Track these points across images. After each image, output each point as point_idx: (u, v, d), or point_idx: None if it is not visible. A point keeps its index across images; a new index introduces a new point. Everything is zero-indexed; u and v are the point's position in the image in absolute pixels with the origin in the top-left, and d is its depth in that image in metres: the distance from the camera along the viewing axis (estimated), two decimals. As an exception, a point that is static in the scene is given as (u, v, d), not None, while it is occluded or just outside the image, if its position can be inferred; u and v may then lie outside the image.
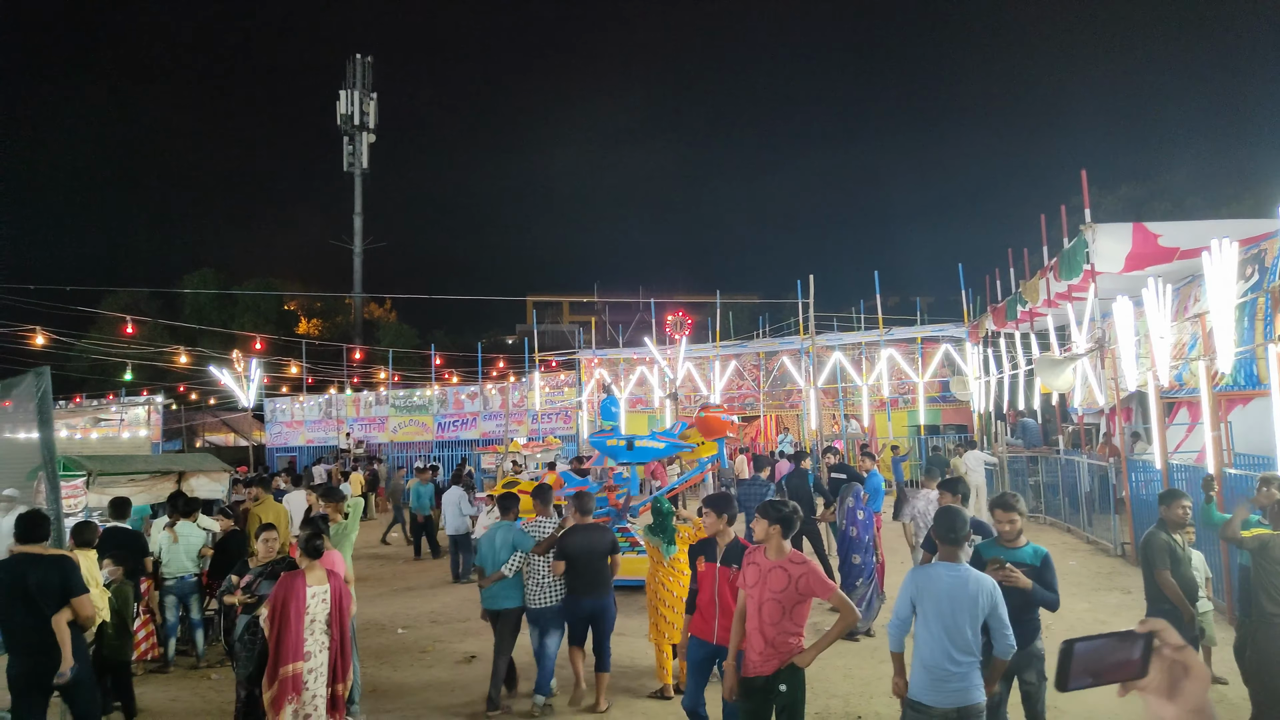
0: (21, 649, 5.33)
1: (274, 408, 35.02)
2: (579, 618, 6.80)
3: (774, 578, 4.52)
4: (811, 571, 4.52)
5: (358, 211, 49.43)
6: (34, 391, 7.44)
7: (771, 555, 4.62)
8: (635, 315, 43.18)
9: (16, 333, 21.27)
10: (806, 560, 4.58)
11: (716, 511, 5.48)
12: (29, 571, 5.30)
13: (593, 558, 6.75)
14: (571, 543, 6.75)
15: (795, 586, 4.48)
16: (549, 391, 29.72)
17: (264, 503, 9.42)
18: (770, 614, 4.49)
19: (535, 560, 6.87)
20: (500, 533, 7.00)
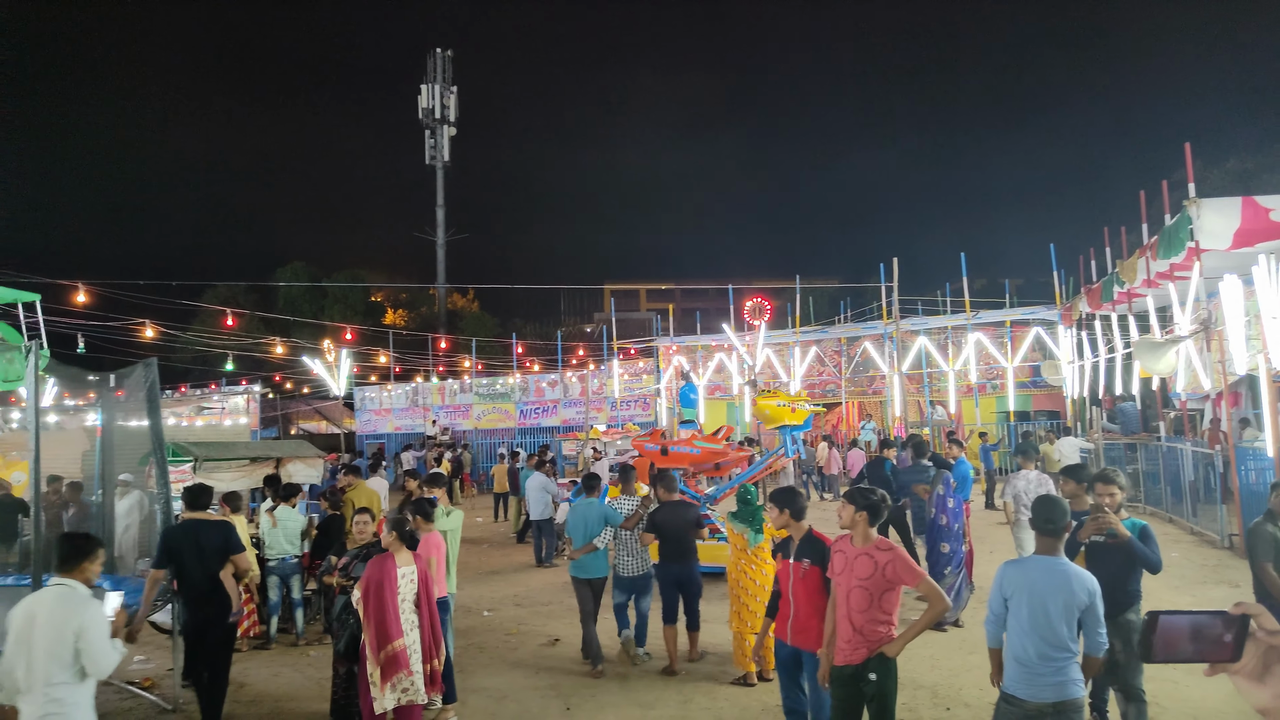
0: (195, 599, 6.30)
1: (363, 396, 36.18)
2: (669, 583, 7.53)
3: (860, 565, 4.46)
4: (899, 558, 4.43)
5: (440, 204, 50.43)
6: (143, 382, 7.89)
7: (857, 542, 4.56)
8: (713, 301, 43.01)
9: (128, 326, 22.51)
10: (893, 547, 4.50)
11: (779, 506, 5.37)
12: (199, 532, 6.38)
13: (680, 530, 7.48)
14: (661, 517, 7.50)
15: (882, 573, 4.40)
16: (627, 379, 29.89)
17: (357, 487, 9.72)
18: (858, 602, 4.43)
19: (624, 534, 7.66)
20: (589, 509, 7.73)
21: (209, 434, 25.84)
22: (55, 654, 3.90)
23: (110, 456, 9.08)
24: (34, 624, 3.93)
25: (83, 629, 3.93)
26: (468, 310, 54.83)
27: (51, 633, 3.90)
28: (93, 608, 4.07)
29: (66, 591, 4.05)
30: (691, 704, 6.70)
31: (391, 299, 54.78)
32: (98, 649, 3.95)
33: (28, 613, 3.97)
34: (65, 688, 3.92)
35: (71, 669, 3.93)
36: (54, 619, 3.93)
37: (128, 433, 9.08)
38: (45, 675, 3.88)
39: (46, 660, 3.89)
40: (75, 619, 3.94)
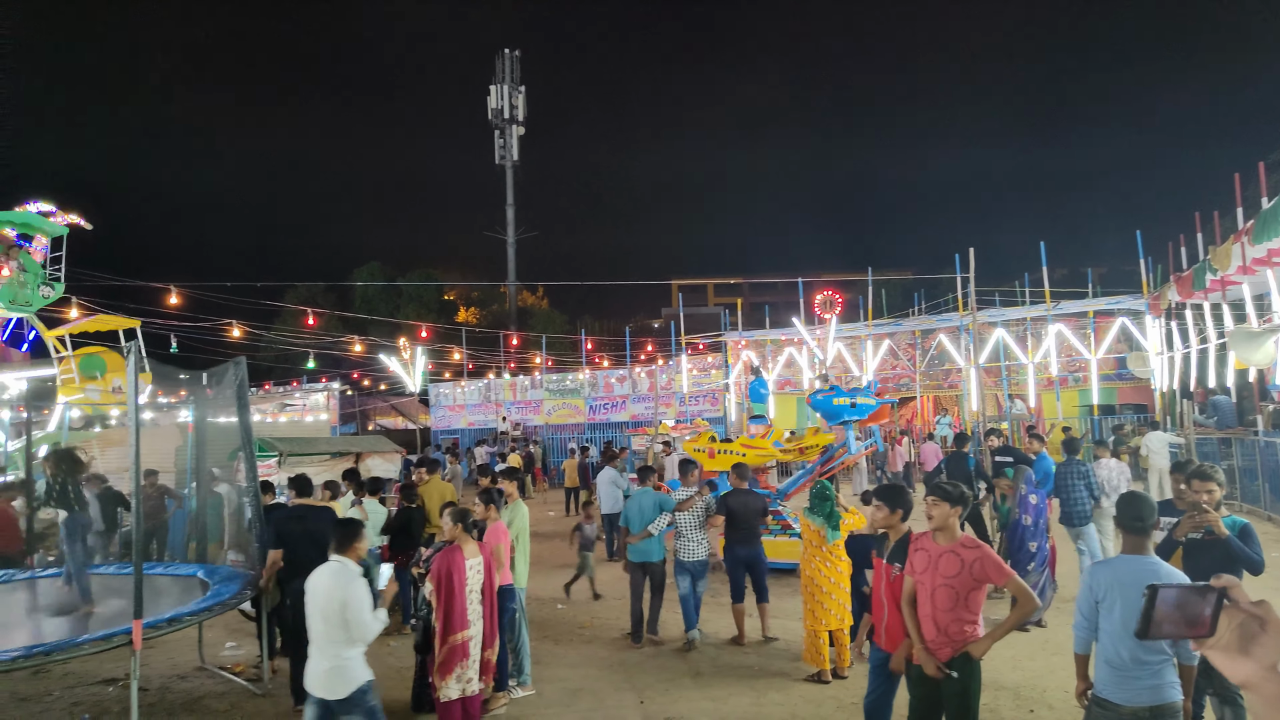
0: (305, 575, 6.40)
1: (437, 392, 36.97)
2: (737, 564, 8.08)
3: (945, 563, 4.35)
4: (986, 556, 4.32)
5: (509, 203, 51.12)
6: (233, 380, 8.21)
7: (942, 540, 4.44)
8: (782, 295, 42.58)
9: (217, 326, 23.48)
10: (980, 544, 4.38)
11: (890, 505, 5.04)
12: (308, 516, 7.10)
13: (749, 516, 8.12)
14: (732, 503, 8.10)
15: (969, 572, 4.29)
16: (696, 374, 29.84)
17: (431, 482, 9.91)
18: (943, 601, 4.33)
19: (686, 523, 8.10)
20: (644, 497, 8.25)
21: (292, 430, 26.78)
22: (330, 619, 4.63)
23: (202, 452, 9.48)
24: (316, 594, 4.68)
25: (346, 600, 4.61)
26: (537, 307, 55.47)
27: (326, 602, 4.62)
28: (356, 583, 4.74)
29: (339, 568, 4.77)
30: (765, 699, 6.67)
31: (464, 297, 55.81)
32: (358, 618, 4.63)
33: (313, 584, 4.74)
34: (343, 645, 4.67)
35: (344, 631, 4.63)
36: (328, 590, 4.65)
37: (217, 429, 9.47)
38: (328, 635, 4.64)
39: (325, 623, 4.64)
40: (341, 591, 4.63)
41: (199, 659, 8.16)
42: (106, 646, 5.59)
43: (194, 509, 9.84)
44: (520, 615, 7.00)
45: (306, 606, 4.75)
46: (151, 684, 7.44)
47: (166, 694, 7.27)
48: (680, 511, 8.14)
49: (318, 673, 4.70)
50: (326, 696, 4.71)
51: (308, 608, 4.74)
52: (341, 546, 4.87)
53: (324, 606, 4.64)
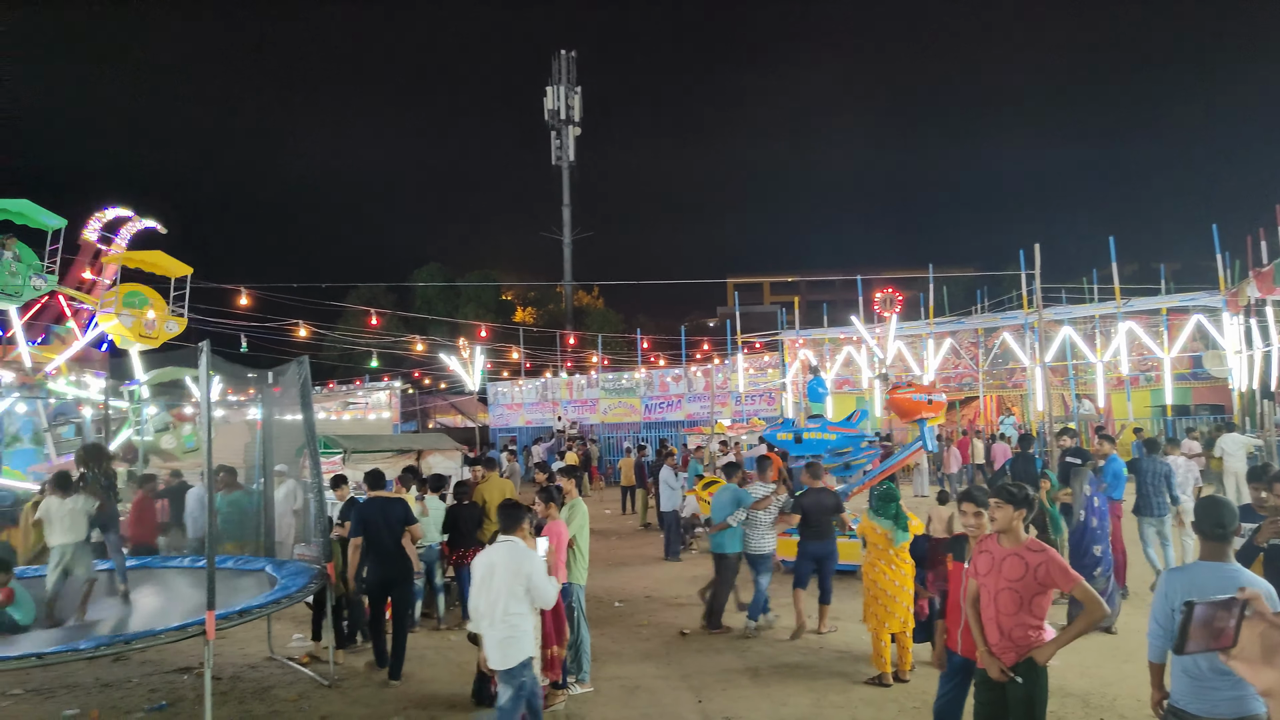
0: (383, 561, 7.62)
1: (496, 391, 37.43)
2: (807, 558, 8.35)
3: (1009, 566, 4.25)
4: (1051, 560, 4.20)
5: (566, 203, 51.41)
6: (297, 379, 8.42)
7: (1007, 543, 4.34)
8: (840, 293, 42.05)
9: (283, 326, 24.17)
10: (1045, 548, 4.27)
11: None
12: (384, 507, 7.68)
13: (822, 513, 8.37)
14: (807, 501, 8.42)
15: (1034, 575, 4.18)
16: (753, 373, 29.65)
17: (490, 480, 9.97)
18: (1006, 605, 4.23)
19: (758, 516, 8.54)
20: (724, 492, 8.72)
21: (355, 427, 27.37)
22: (513, 591, 5.12)
23: (269, 448, 9.73)
24: (494, 570, 5.16)
25: (530, 573, 5.18)
26: (593, 307, 55.74)
27: (508, 576, 5.13)
28: (534, 557, 5.34)
29: (513, 546, 5.29)
30: (825, 701, 6.60)
31: (521, 297, 56.36)
32: (541, 587, 5.22)
33: (488, 563, 5.22)
34: (519, 616, 5.15)
35: (524, 601, 5.16)
36: (509, 566, 5.16)
37: (284, 426, 9.72)
38: (505, 607, 5.11)
39: (506, 596, 5.11)
40: (524, 565, 5.18)
41: (268, 650, 8.41)
42: (182, 636, 5.79)
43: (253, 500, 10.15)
44: (579, 613, 7.05)
45: (477, 583, 5.22)
46: (224, 673, 7.68)
47: (238, 683, 7.50)
48: (756, 510, 8.58)
49: (492, 644, 5.17)
50: (496, 667, 5.17)
51: (479, 584, 5.20)
52: (509, 528, 5.37)
53: (507, 579, 5.11)
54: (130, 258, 14.49)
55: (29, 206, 13.10)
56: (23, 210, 13.23)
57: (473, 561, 5.43)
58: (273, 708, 6.84)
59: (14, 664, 5.53)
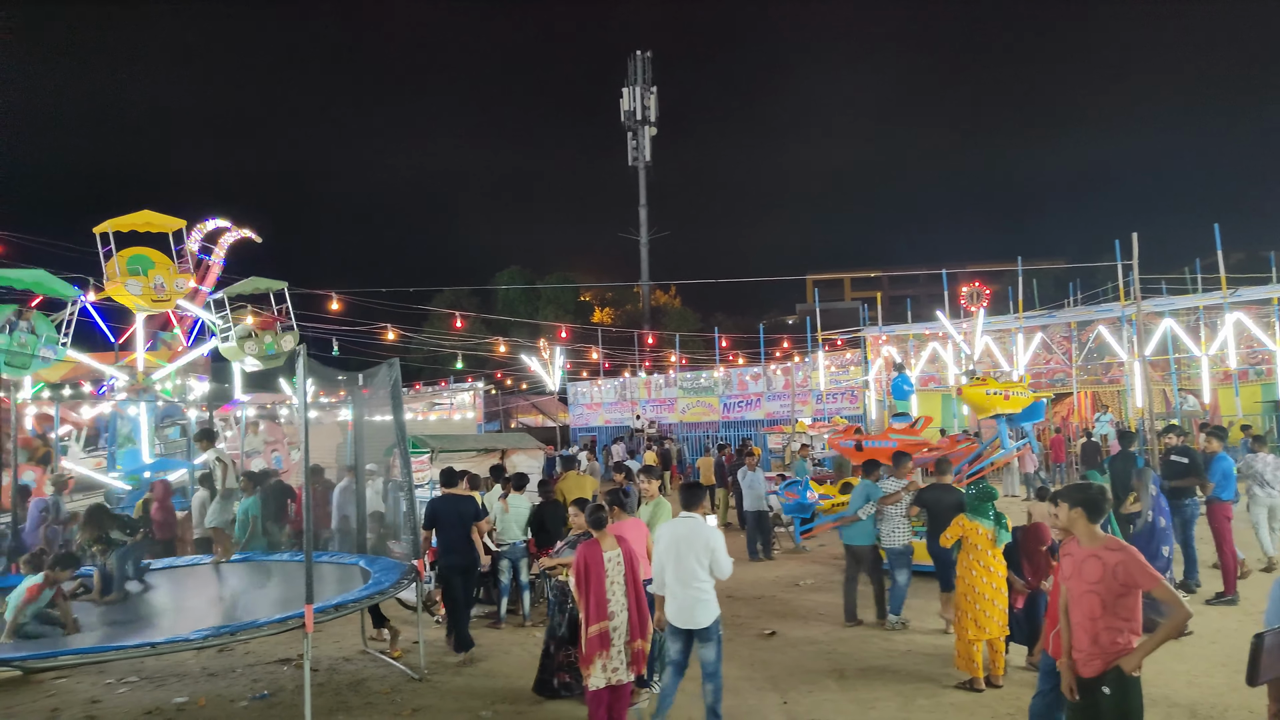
0: (454, 550, 8.29)
1: (575, 391, 37.82)
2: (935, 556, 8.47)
3: (1089, 568, 4.12)
4: (1130, 558, 4.03)
5: (642, 204, 51.60)
6: (387, 380, 8.66)
7: (1085, 543, 4.21)
8: (924, 288, 41.06)
9: (373, 329, 24.97)
10: (1124, 546, 4.10)
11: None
12: (457, 503, 8.37)
13: (944, 510, 8.16)
14: (929, 496, 8.53)
15: (1113, 576, 4.02)
16: (834, 371, 29.19)
17: (568, 478, 10.10)
18: (1090, 608, 4.09)
19: (890, 510, 8.81)
20: (862, 487, 9.04)
21: (440, 427, 28.00)
22: (699, 559, 5.74)
23: (361, 448, 10.05)
24: (678, 541, 5.80)
25: (712, 545, 5.80)
26: (670, 306, 55.81)
27: (698, 545, 5.76)
28: (715, 531, 5.97)
29: (695, 521, 5.94)
30: (912, 705, 6.45)
31: (598, 297, 56.81)
32: (722, 558, 5.82)
33: (672, 535, 5.86)
34: (704, 582, 5.79)
35: (705, 569, 5.77)
36: (693, 537, 5.79)
37: (373, 426, 10.01)
38: (693, 574, 5.75)
39: (694, 564, 5.73)
40: (709, 539, 5.82)
41: (361, 643, 8.68)
42: (282, 629, 6.03)
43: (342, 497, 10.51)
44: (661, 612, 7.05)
45: (664, 553, 5.85)
46: (320, 665, 7.96)
47: (334, 675, 7.77)
48: (886, 504, 8.85)
49: (683, 608, 5.78)
50: (691, 627, 5.79)
51: (666, 553, 5.83)
52: (691, 505, 6.08)
53: (696, 549, 5.77)
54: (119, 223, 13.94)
55: (45, 276, 13.18)
56: (39, 280, 13.37)
57: (656, 533, 6.06)
58: (367, 699, 7.06)
59: (130, 652, 5.86)
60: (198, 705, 7.04)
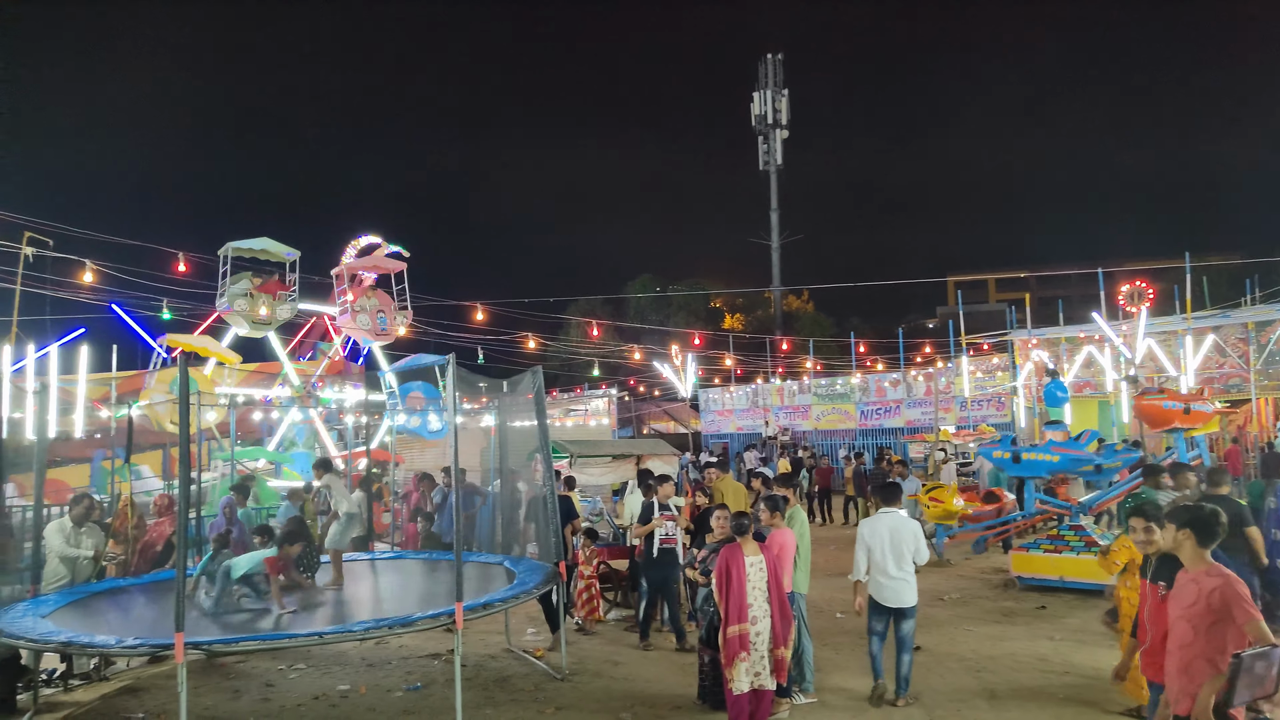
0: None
1: (707, 397, 37.81)
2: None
3: (1185, 592, 3.86)
4: (1228, 586, 3.70)
5: (774, 208, 51.14)
6: (530, 387, 8.96)
7: (1189, 567, 3.94)
8: (1076, 288, 38.73)
9: (515, 338, 25.92)
10: (1225, 573, 3.78)
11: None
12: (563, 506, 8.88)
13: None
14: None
15: (1206, 603, 3.72)
16: (979, 376, 27.93)
17: (724, 482, 10.00)
18: (1181, 635, 3.82)
19: None
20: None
21: (577, 433, 28.71)
22: (909, 548, 6.63)
23: (504, 453, 10.43)
24: (889, 533, 6.63)
25: (918, 536, 6.74)
26: (803, 311, 54.96)
27: (903, 537, 6.63)
28: (917, 525, 6.90)
29: (898, 515, 6.85)
30: None
31: (729, 303, 56.63)
32: (923, 548, 6.79)
33: (886, 527, 6.68)
34: (909, 569, 6.67)
35: (908, 558, 6.64)
36: (902, 529, 6.68)
37: (516, 432, 10.38)
38: (898, 561, 6.59)
39: (904, 552, 6.61)
40: (914, 530, 6.75)
41: (506, 642, 8.99)
42: (434, 625, 6.35)
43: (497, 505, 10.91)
44: (800, 622, 6.97)
45: (876, 543, 6.64)
46: (468, 661, 8.30)
47: (480, 671, 8.08)
48: None
49: (893, 591, 6.62)
50: (899, 606, 6.64)
51: (879, 544, 6.63)
52: (890, 501, 6.96)
53: (905, 540, 6.63)
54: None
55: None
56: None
57: (866, 527, 6.82)
58: (512, 696, 7.31)
59: (301, 641, 6.33)
60: (359, 693, 7.49)
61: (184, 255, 15.40)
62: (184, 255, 15.40)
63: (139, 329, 17.36)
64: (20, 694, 7.31)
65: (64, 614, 6.94)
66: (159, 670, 8.28)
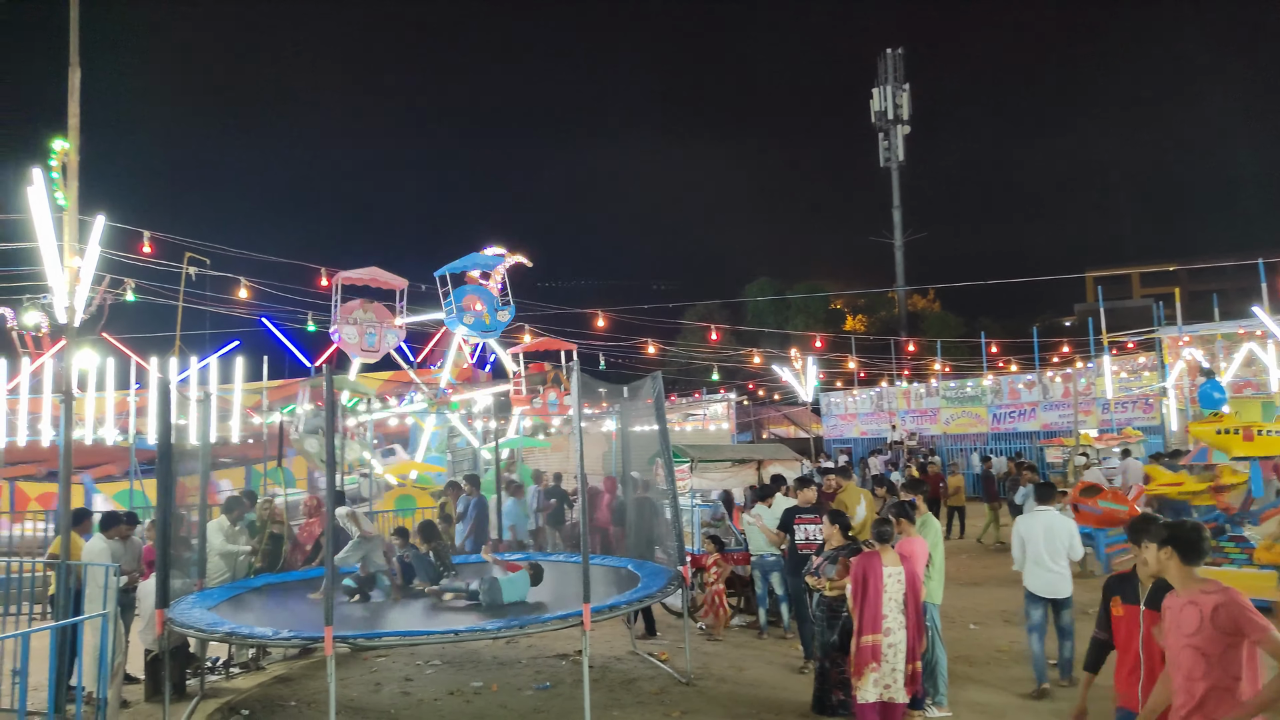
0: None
1: (829, 401, 37.08)
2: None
3: (1186, 617, 3.47)
4: (1232, 601, 3.32)
5: (896, 205, 49.83)
6: (650, 392, 9.06)
7: (1180, 590, 3.56)
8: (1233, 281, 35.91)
9: (635, 343, 26.27)
10: (1225, 588, 3.40)
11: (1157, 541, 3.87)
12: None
13: None
14: None
15: (1211, 623, 3.35)
16: (1124, 377, 26.27)
17: (847, 489, 9.78)
18: (1189, 666, 3.43)
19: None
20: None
21: (696, 438, 28.73)
22: (1063, 543, 7.09)
23: (626, 457, 10.57)
24: (1044, 529, 7.08)
25: (1073, 533, 7.27)
26: (929, 311, 53.20)
27: (1059, 534, 7.11)
28: (1072, 523, 7.47)
29: (1053, 513, 7.36)
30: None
31: (850, 304, 55.44)
32: (1077, 544, 7.28)
33: (1041, 525, 7.14)
34: (1064, 564, 7.10)
35: (1063, 553, 7.09)
36: (1058, 526, 7.19)
37: (637, 436, 10.50)
38: (1052, 555, 7.05)
39: (1060, 547, 7.06)
40: (1070, 527, 7.28)
41: (630, 644, 9.10)
42: (563, 625, 6.50)
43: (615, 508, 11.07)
44: (934, 633, 6.77)
45: (1031, 538, 7.08)
46: (594, 662, 8.42)
47: (607, 672, 8.21)
48: None
49: (1050, 583, 7.06)
50: (1056, 597, 7.09)
51: (1038, 540, 7.05)
52: (1045, 500, 7.41)
53: (1061, 536, 7.08)
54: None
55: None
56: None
57: (1022, 524, 7.28)
58: (639, 698, 7.40)
59: (437, 638, 6.62)
60: (491, 690, 7.75)
61: (325, 271, 16.32)
62: (325, 271, 16.32)
63: (286, 341, 18.54)
64: (189, 679, 7.94)
65: (226, 607, 7.49)
66: (308, 661, 8.82)
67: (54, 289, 7.53)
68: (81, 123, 7.36)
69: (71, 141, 7.32)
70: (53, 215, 7.67)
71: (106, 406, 16.91)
